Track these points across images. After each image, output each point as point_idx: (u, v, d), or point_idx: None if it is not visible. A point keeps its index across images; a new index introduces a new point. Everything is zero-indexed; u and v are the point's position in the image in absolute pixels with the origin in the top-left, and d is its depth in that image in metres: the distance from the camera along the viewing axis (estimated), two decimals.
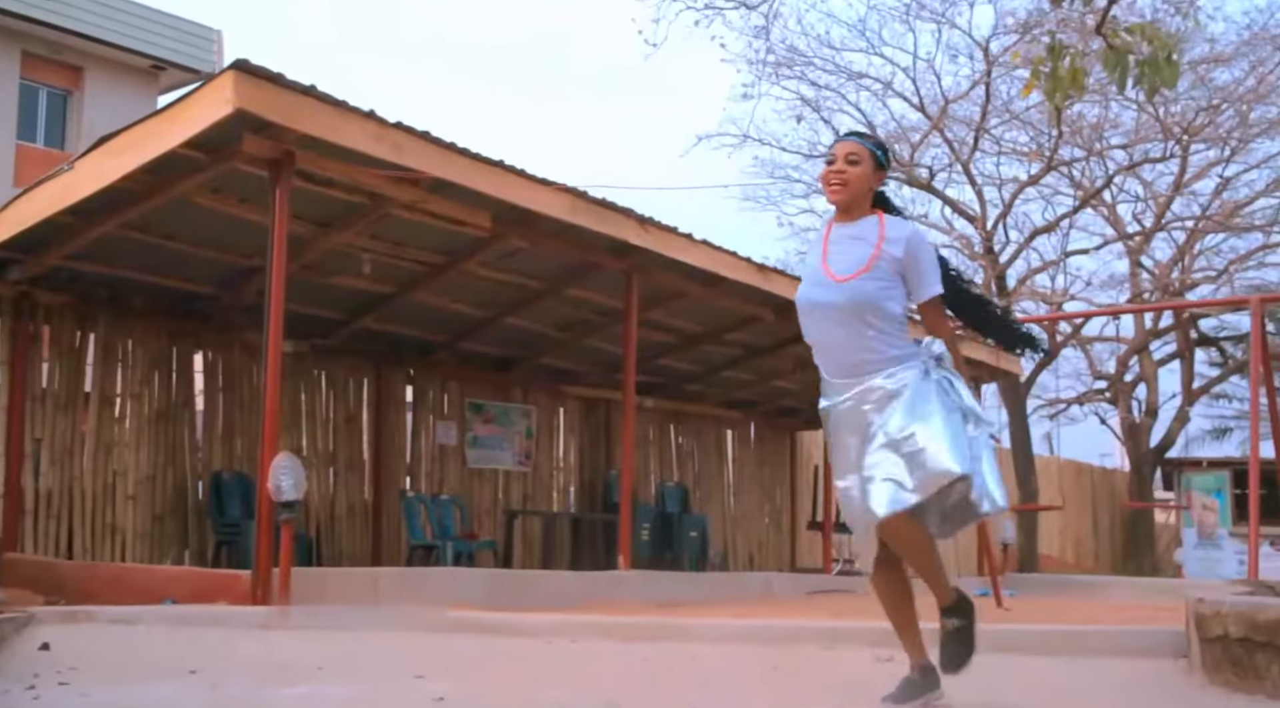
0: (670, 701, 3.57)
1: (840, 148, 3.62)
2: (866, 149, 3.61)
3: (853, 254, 3.50)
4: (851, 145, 3.62)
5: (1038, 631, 5.61)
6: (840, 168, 3.56)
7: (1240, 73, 18.11)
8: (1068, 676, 4.58)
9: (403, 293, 10.28)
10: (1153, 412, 23.05)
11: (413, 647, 5.16)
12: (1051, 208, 20.57)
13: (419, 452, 11.87)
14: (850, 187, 3.56)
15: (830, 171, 3.59)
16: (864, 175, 3.58)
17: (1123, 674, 4.64)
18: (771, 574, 12.35)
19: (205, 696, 3.62)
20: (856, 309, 3.46)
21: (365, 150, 7.17)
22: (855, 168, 3.57)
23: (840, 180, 3.55)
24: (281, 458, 7.02)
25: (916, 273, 3.53)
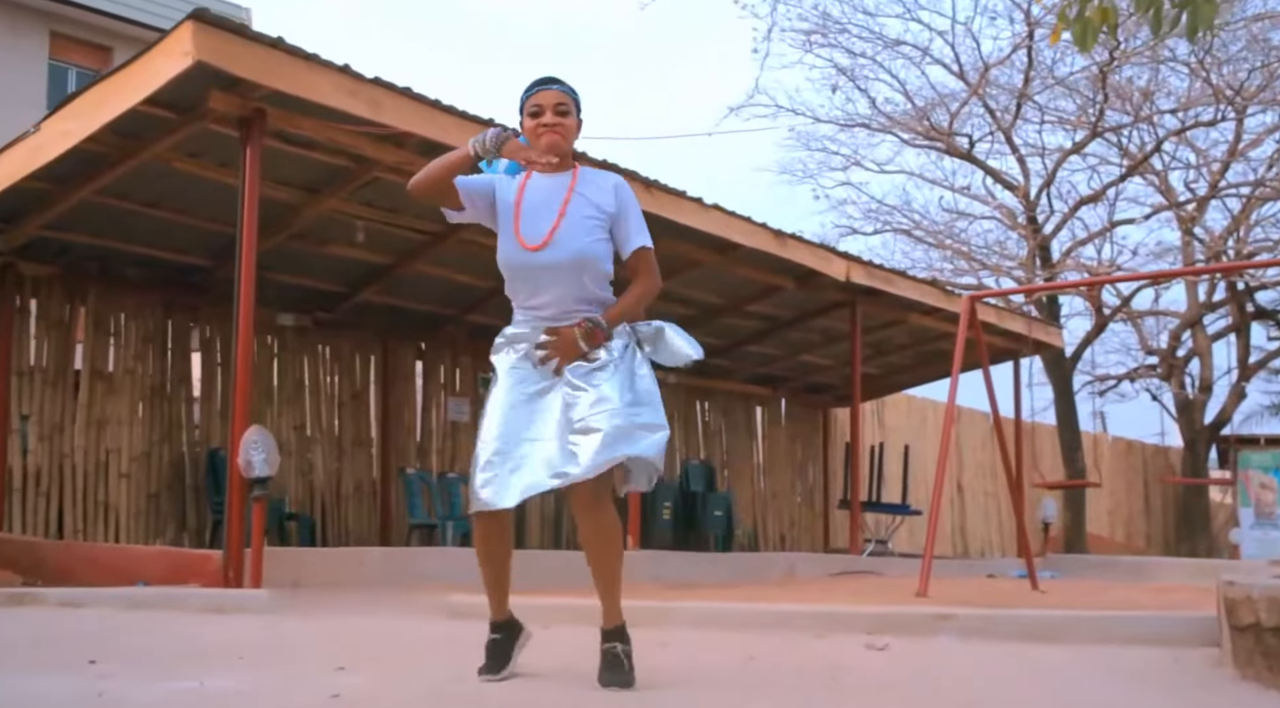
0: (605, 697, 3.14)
1: (546, 97, 3.29)
2: (570, 97, 3.32)
3: (567, 209, 3.25)
4: (557, 94, 3.30)
5: (1057, 616, 5.10)
6: (552, 120, 3.26)
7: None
8: (1084, 666, 4.09)
9: (402, 263, 9.90)
10: (1207, 387, 22.21)
11: (356, 633, 4.76)
12: (1098, 176, 19.77)
13: (429, 428, 11.52)
14: (567, 138, 3.29)
15: (540, 125, 3.26)
16: (574, 126, 3.33)
17: (1146, 665, 4.14)
18: (796, 555, 11.87)
19: (81, 688, 3.24)
20: (575, 267, 3.24)
21: (340, 107, 6.76)
22: (567, 118, 3.29)
23: (560, 132, 3.26)
24: (252, 432, 6.68)
25: (627, 222, 3.33)
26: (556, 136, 3.25)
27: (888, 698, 3.31)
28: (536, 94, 3.29)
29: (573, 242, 3.23)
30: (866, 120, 19.44)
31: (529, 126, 3.27)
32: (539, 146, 3.24)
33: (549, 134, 3.24)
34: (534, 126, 3.26)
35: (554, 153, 3.22)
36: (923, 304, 12.15)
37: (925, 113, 18.50)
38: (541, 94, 3.29)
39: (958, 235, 20.59)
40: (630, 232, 3.33)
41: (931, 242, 20.72)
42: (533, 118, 3.27)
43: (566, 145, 3.29)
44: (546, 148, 3.23)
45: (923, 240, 20.87)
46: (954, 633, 4.96)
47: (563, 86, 3.32)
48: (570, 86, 3.34)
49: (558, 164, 3.23)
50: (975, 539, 19.36)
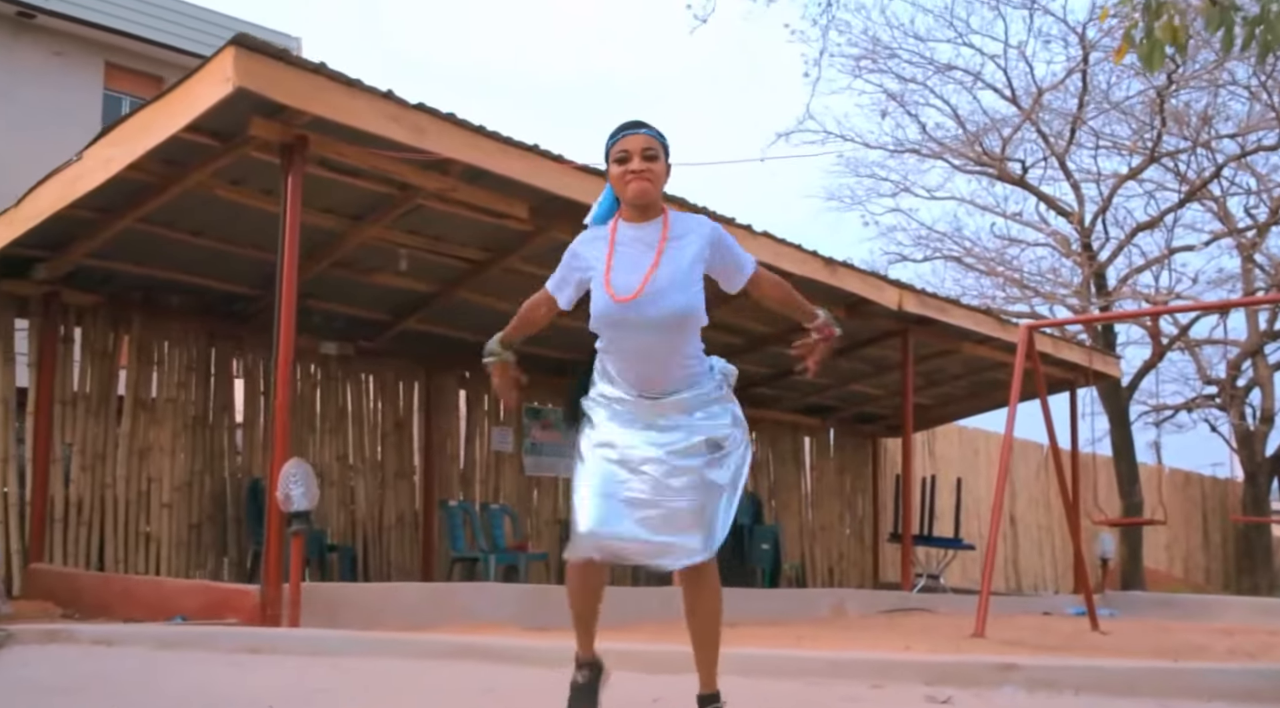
0: None
1: (633, 143, 3.18)
2: (658, 141, 3.22)
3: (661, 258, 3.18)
4: (644, 138, 3.19)
5: (1130, 668, 4.80)
6: (640, 166, 3.16)
7: None
8: None
9: (445, 292, 9.78)
10: (1269, 418, 21.61)
11: (391, 678, 4.58)
12: (1155, 202, 19.35)
13: (473, 459, 11.37)
14: (656, 184, 3.19)
15: (628, 171, 3.17)
16: (663, 171, 3.23)
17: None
18: (845, 591, 11.56)
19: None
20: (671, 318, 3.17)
21: (383, 133, 6.65)
22: (655, 163, 3.19)
23: (648, 177, 3.16)
24: (291, 466, 6.54)
25: (732, 255, 3.29)
26: (645, 183, 3.16)
27: None
28: (622, 140, 3.19)
29: (668, 293, 3.14)
30: (916, 146, 19.21)
31: (615, 173, 3.18)
32: (626, 195, 3.19)
33: (637, 181, 3.15)
34: (621, 173, 3.17)
35: (642, 200, 3.18)
36: (977, 333, 11.86)
37: (978, 138, 18.20)
38: (628, 139, 3.18)
39: (1009, 262, 20.24)
40: (740, 263, 3.31)
41: (983, 269, 20.38)
42: (619, 164, 3.18)
43: (655, 192, 3.19)
44: (634, 197, 3.18)
45: (974, 268, 20.54)
46: (1019, 685, 4.69)
47: (650, 130, 3.22)
48: (657, 130, 3.25)
49: (646, 211, 3.20)
50: (1028, 573, 18.89)
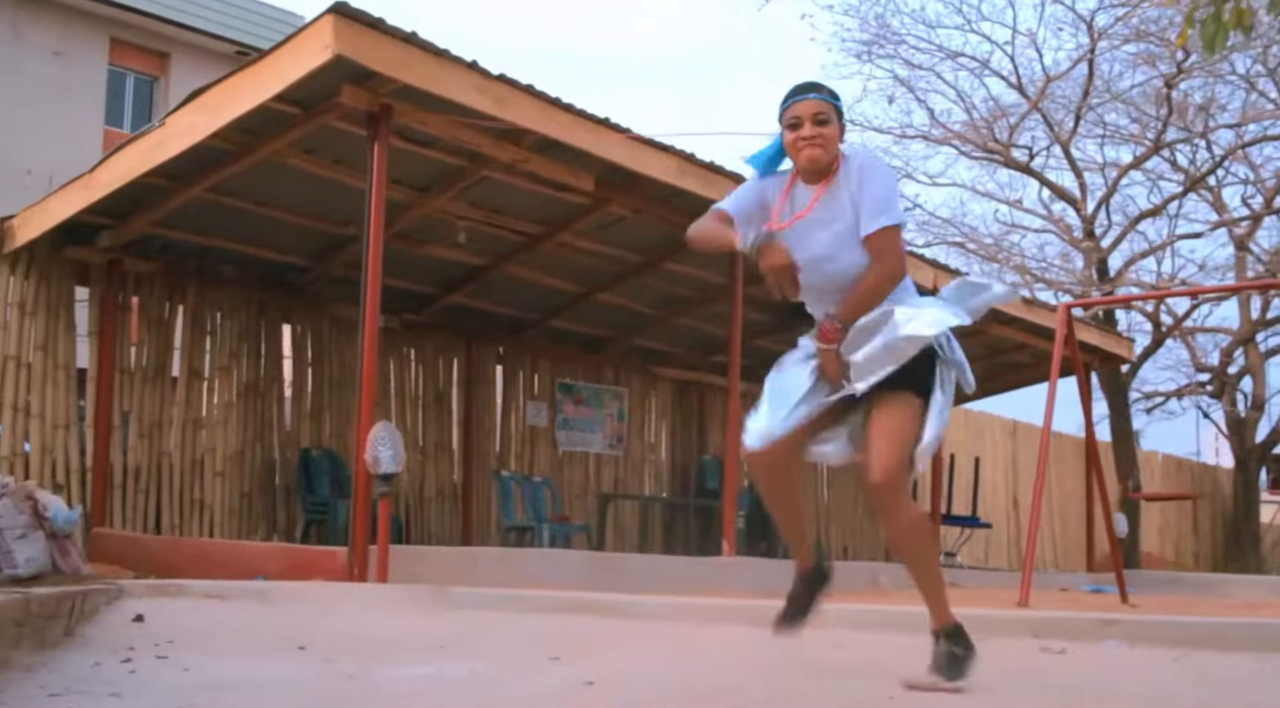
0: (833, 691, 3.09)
1: (804, 108, 3.15)
2: (829, 104, 3.17)
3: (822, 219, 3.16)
4: (815, 103, 3.15)
5: (1222, 623, 5.03)
6: (811, 132, 3.12)
7: None
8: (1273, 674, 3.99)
9: (496, 266, 9.89)
10: (1259, 406, 21.98)
11: (533, 628, 4.72)
12: (1159, 191, 19.65)
13: (508, 433, 11.50)
14: (828, 148, 3.14)
15: (799, 138, 3.14)
16: (835, 133, 3.17)
17: None
18: (877, 565, 11.76)
19: (319, 671, 3.21)
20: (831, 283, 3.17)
21: (469, 103, 6.75)
22: (826, 128, 3.14)
23: (820, 143, 3.12)
24: (380, 428, 6.66)
25: (862, 203, 3.11)
26: (818, 150, 3.13)
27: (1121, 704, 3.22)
28: (794, 105, 3.17)
29: (825, 257, 3.14)
30: (924, 132, 19.41)
31: (788, 139, 3.17)
32: (799, 162, 3.17)
33: (809, 148, 3.13)
34: (793, 139, 3.15)
35: (814, 166, 3.15)
36: (1004, 313, 12.06)
37: (990, 124, 18.42)
38: (799, 105, 3.16)
39: (1009, 249, 20.49)
40: (864, 214, 3.12)
41: (984, 255, 20.63)
42: (792, 130, 3.16)
43: (827, 157, 3.15)
44: (806, 163, 3.16)
45: (976, 254, 20.78)
46: (1121, 638, 4.88)
47: (821, 94, 3.19)
48: (830, 92, 3.22)
49: (819, 174, 3.15)
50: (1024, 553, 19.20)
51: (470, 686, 3.08)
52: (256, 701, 2.78)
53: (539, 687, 3.08)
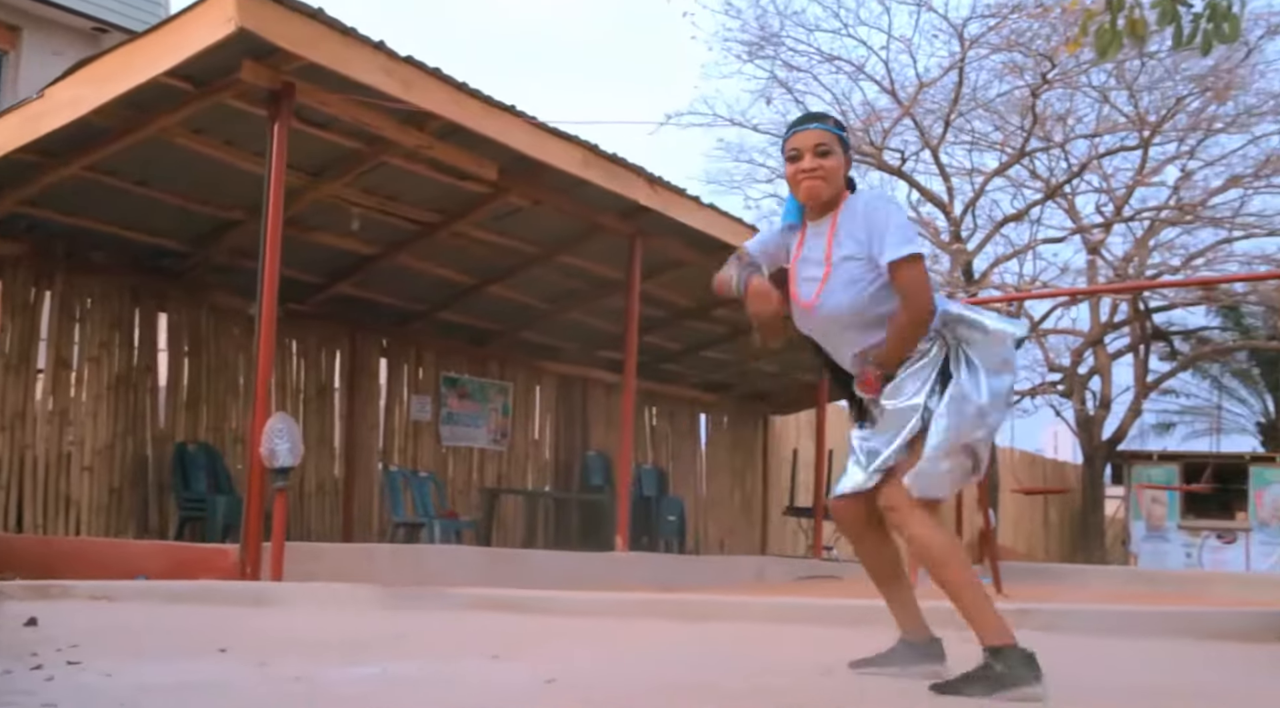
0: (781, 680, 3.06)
1: (804, 139, 3.06)
2: (832, 134, 3.09)
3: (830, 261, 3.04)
4: (817, 134, 3.07)
5: (1131, 612, 5.22)
6: (812, 165, 3.04)
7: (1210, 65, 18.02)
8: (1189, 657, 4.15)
9: (387, 255, 9.62)
10: (1106, 404, 23.03)
11: (456, 625, 4.58)
12: (1021, 197, 20.40)
13: (392, 427, 11.21)
14: (830, 181, 3.05)
15: (799, 171, 3.05)
16: (838, 166, 3.08)
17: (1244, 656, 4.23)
18: (763, 559, 11.92)
19: (258, 674, 3.03)
20: (844, 323, 3.06)
21: (375, 85, 6.52)
22: (827, 160, 3.05)
23: (820, 176, 3.04)
24: (277, 420, 6.40)
25: (880, 239, 2.97)
26: (818, 182, 3.04)
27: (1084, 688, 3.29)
28: (794, 136, 3.08)
29: (835, 298, 3.03)
30: None
31: (789, 172, 3.08)
32: (799, 195, 3.09)
33: (808, 180, 3.04)
34: (794, 172, 3.06)
35: (814, 200, 3.07)
36: None
37: (865, 127, 18.82)
38: (799, 136, 3.07)
39: None
40: (883, 246, 2.97)
41: None
42: (792, 162, 3.07)
43: (828, 190, 3.05)
44: (805, 197, 3.07)
45: None
46: (1036, 628, 5.01)
47: (824, 124, 3.12)
48: (832, 122, 3.14)
49: (824, 207, 3.06)
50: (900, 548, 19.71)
51: (425, 685, 2.95)
52: (209, 705, 2.60)
53: (500, 684, 2.97)
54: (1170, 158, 19.77)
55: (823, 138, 3.06)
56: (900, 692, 2.96)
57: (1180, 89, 18.18)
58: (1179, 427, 29.43)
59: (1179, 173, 19.86)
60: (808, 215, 3.13)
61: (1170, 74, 18.00)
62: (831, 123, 3.14)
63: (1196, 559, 20.54)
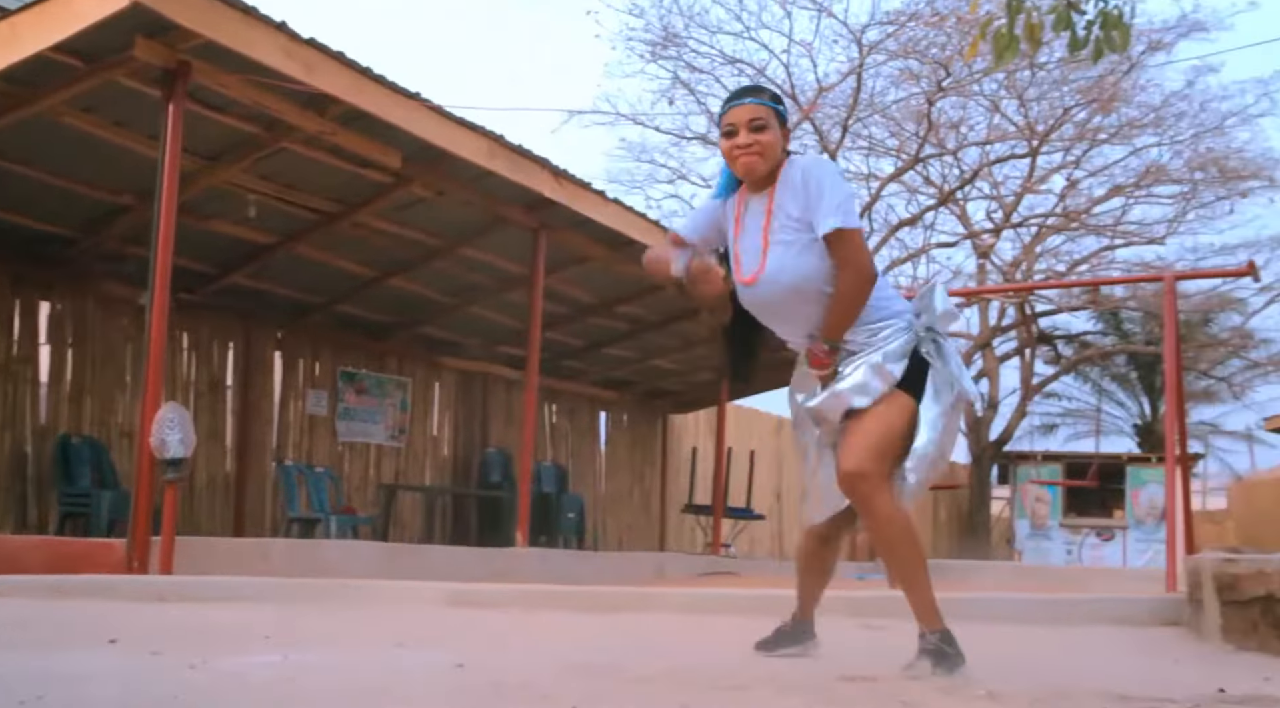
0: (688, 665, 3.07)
1: (740, 114, 2.99)
2: (768, 108, 3.01)
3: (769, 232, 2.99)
4: (752, 109, 2.99)
5: (1019, 600, 5.35)
6: (747, 140, 2.97)
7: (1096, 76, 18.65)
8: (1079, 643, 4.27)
9: (283, 245, 9.39)
10: (994, 406, 23.64)
11: (355, 617, 4.48)
12: (915, 202, 20.85)
13: (286, 422, 10.96)
14: (766, 156, 2.98)
15: (735, 147, 2.98)
16: (775, 140, 3.00)
17: (1134, 641, 4.38)
18: (662, 555, 11.93)
19: (154, 663, 2.92)
20: (791, 296, 2.98)
21: (275, 66, 6.36)
22: (764, 135, 2.98)
23: (756, 151, 2.97)
24: (168, 410, 6.21)
25: (816, 206, 2.91)
26: (754, 158, 2.96)
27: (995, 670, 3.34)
28: (730, 112, 3.01)
29: (780, 270, 2.95)
30: (703, 134, 19.85)
31: (725, 148, 3.00)
32: (736, 171, 3.02)
33: (745, 156, 2.97)
34: (729, 148, 2.99)
35: (750, 176, 3.00)
36: None
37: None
38: (735, 112, 3.00)
39: None
40: (819, 218, 2.90)
41: None
42: (728, 138, 2.99)
43: (764, 166, 2.98)
44: (742, 173, 3.01)
45: None
46: None
47: (759, 98, 3.03)
48: (768, 96, 3.06)
49: (761, 182, 2.99)
50: (791, 547, 19.96)
51: (331, 670, 2.88)
52: (110, 692, 2.49)
53: (408, 669, 2.91)
54: (1057, 167, 20.40)
55: (758, 112, 2.98)
56: (808, 673, 2.98)
57: (1067, 100, 18.77)
58: (1061, 428, 30.41)
59: (1065, 181, 20.51)
60: (746, 188, 3.06)
61: (1058, 85, 18.58)
62: (768, 96, 3.05)
63: (1077, 556, 21.18)
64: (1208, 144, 19.11)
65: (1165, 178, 19.58)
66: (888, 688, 2.62)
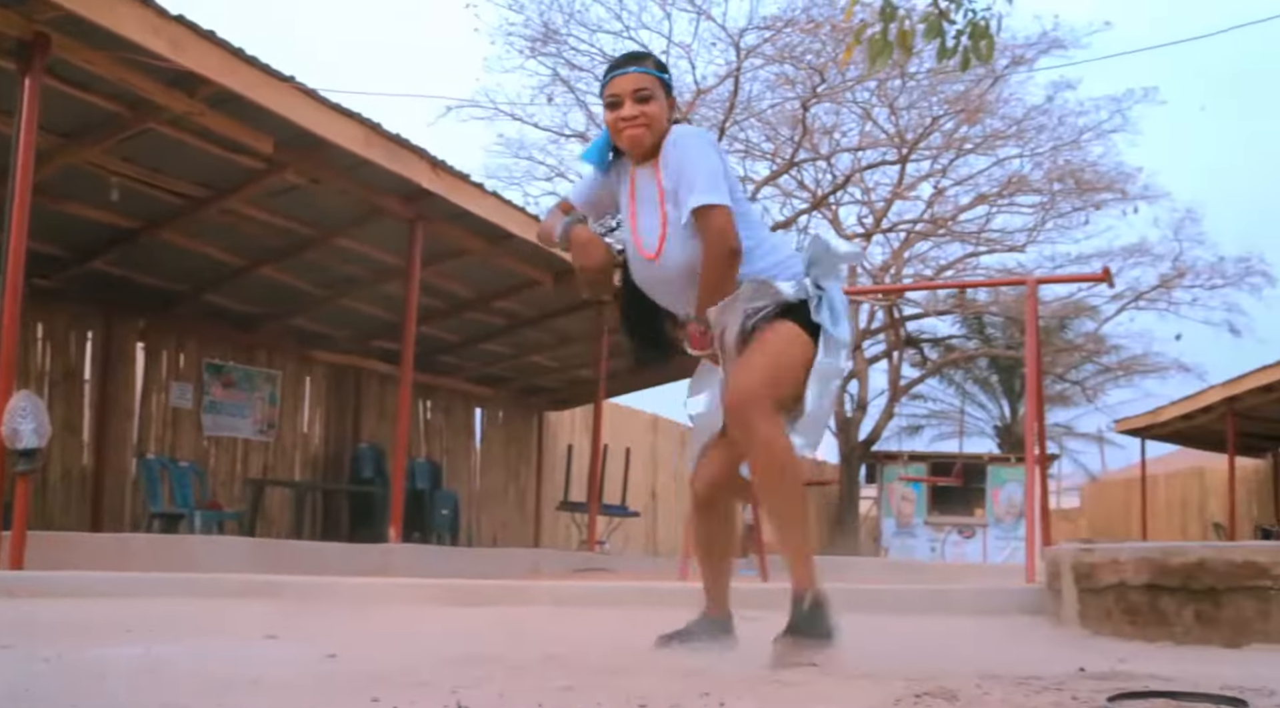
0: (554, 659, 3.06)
1: (623, 84, 2.86)
2: (654, 77, 2.89)
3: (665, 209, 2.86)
4: (637, 78, 2.86)
5: (885, 591, 5.47)
6: (632, 112, 2.85)
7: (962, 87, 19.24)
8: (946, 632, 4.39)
9: (147, 230, 9.04)
10: (863, 406, 24.20)
11: (221, 611, 4.34)
12: (790, 205, 21.20)
13: (149, 415, 10.57)
14: (653, 127, 2.86)
15: (620, 118, 2.86)
16: (661, 111, 2.87)
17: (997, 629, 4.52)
18: (537, 552, 11.89)
19: (5, 656, 2.77)
20: (686, 278, 2.85)
21: (141, 42, 6.11)
22: (649, 105, 2.85)
23: (642, 123, 2.85)
24: (20, 399, 5.93)
25: (679, 181, 2.79)
26: (639, 130, 2.85)
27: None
28: (613, 82, 2.87)
29: (679, 248, 2.83)
30: (582, 132, 19.83)
31: (609, 120, 2.87)
32: (621, 144, 2.90)
33: (630, 128, 2.85)
34: (614, 119, 2.86)
35: (636, 149, 2.88)
36: None
37: None
38: (618, 81, 2.86)
39: None
40: (684, 192, 2.78)
41: None
42: (612, 109, 2.86)
43: (650, 138, 2.86)
44: (628, 146, 2.88)
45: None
46: None
47: (644, 67, 2.89)
48: (653, 65, 2.92)
49: (648, 154, 2.87)
50: (665, 544, 20.12)
51: (197, 661, 2.77)
52: None
53: (279, 660, 2.82)
54: (925, 175, 21.00)
55: (643, 82, 2.86)
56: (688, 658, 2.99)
57: (936, 110, 19.33)
58: (927, 429, 31.38)
59: (933, 189, 21.13)
60: (633, 161, 2.94)
61: (927, 95, 19.12)
62: (652, 64, 2.92)
63: (940, 553, 21.84)
64: (1065, 157, 19.93)
65: (1026, 188, 20.32)
66: (767, 671, 2.64)
